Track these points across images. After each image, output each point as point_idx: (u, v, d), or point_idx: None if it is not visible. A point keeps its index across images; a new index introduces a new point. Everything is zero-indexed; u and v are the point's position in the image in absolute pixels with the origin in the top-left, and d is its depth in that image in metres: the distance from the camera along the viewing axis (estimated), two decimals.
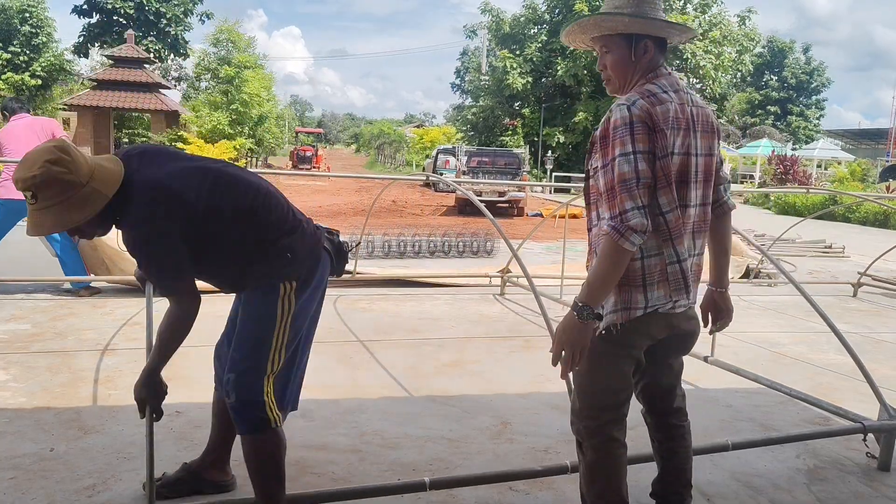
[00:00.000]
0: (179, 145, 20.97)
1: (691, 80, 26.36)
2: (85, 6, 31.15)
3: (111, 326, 4.49)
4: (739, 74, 31.50)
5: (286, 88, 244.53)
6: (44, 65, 25.75)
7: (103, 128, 23.51)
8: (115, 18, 31.07)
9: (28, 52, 26.68)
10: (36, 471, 2.49)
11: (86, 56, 32.46)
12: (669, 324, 1.91)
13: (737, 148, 34.34)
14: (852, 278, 7.42)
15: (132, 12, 30.56)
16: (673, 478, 2.13)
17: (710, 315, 2.18)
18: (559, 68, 27.07)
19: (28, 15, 27.21)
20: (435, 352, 4.30)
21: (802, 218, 9.18)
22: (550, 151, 26.58)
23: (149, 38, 30.62)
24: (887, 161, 31.54)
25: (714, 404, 3.59)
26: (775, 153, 26.92)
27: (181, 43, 32.80)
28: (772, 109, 45.71)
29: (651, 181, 1.74)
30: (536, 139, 28.42)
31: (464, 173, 17.37)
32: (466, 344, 4.51)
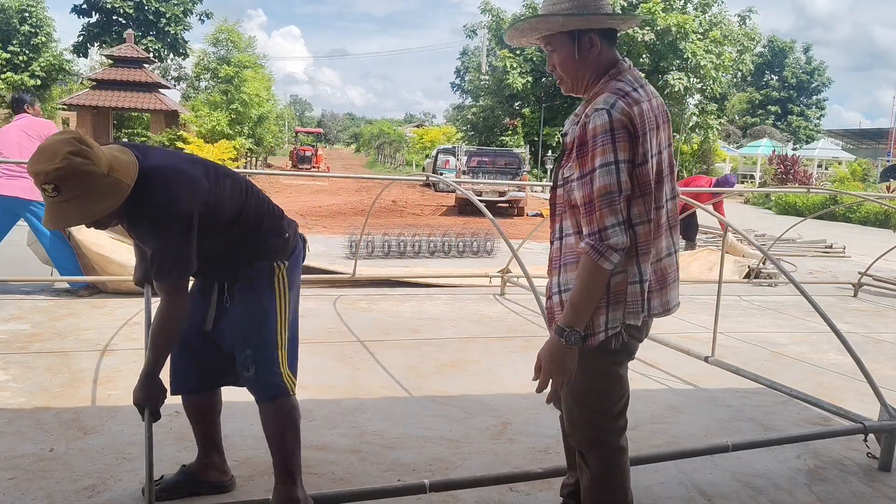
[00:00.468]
0: (179, 145, 21.00)
1: (692, 80, 26.34)
2: (84, 6, 31.14)
3: (111, 326, 4.49)
4: (740, 74, 31.48)
5: (286, 88, 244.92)
6: (43, 64, 25.75)
7: (103, 128, 23.50)
8: (115, 18, 31.07)
9: (27, 52, 26.67)
10: (35, 471, 2.49)
11: (85, 56, 32.45)
12: (647, 328, 1.85)
13: (737, 148, 34.36)
14: (853, 278, 7.42)
15: (132, 12, 30.55)
16: None
17: None
18: None
19: (27, 14, 27.21)
20: (435, 352, 4.30)
21: (803, 218, 9.18)
22: (550, 151, 26.57)
23: (148, 38, 30.61)
24: (888, 161, 31.54)
25: (714, 404, 3.58)
26: (776, 153, 26.93)
27: (181, 42, 32.80)
28: (772, 109, 45.72)
29: (630, 192, 1.65)
30: (536, 139, 28.41)
31: (464, 173, 17.36)
32: (466, 344, 4.51)
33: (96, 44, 31.53)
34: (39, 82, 25.31)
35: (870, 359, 3.96)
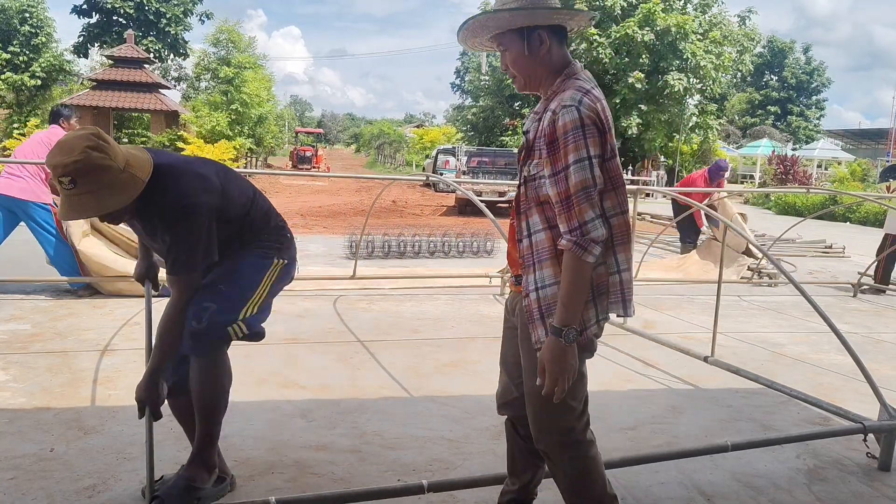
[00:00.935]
0: (179, 145, 21.00)
1: (691, 80, 26.34)
2: (84, 6, 31.12)
3: (111, 326, 4.49)
4: (740, 74, 31.48)
5: (286, 88, 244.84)
6: (43, 65, 25.72)
7: (103, 128, 23.23)
8: (115, 18, 31.04)
9: (28, 53, 26.65)
10: (36, 471, 2.49)
11: (85, 56, 32.42)
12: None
13: (737, 148, 34.37)
14: (852, 278, 7.43)
15: (132, 12, 30.53)
16: (540, 479, 2.09)
17: None
18: None
19: (28, 15, 27.19)
20: (435, 352, 4.30)
21: (803, 218, 9.18)
22: None
23: (148, 38, 30.59)
24: (887, 161, 31.52)
25: (714, 404, 3.59)
26: (775, 153, 26.96)
27: (181, 43, 32.77)
28: (772, 109, 45.73)
29: (603, 186, 1.67)
30: None
31: (464, 173, 17.36)
32: (466, 344, 4.51)
33: (96, 44, 31.52)
34: (40, 83, 25.30)
35: (869, 359, 3.96)
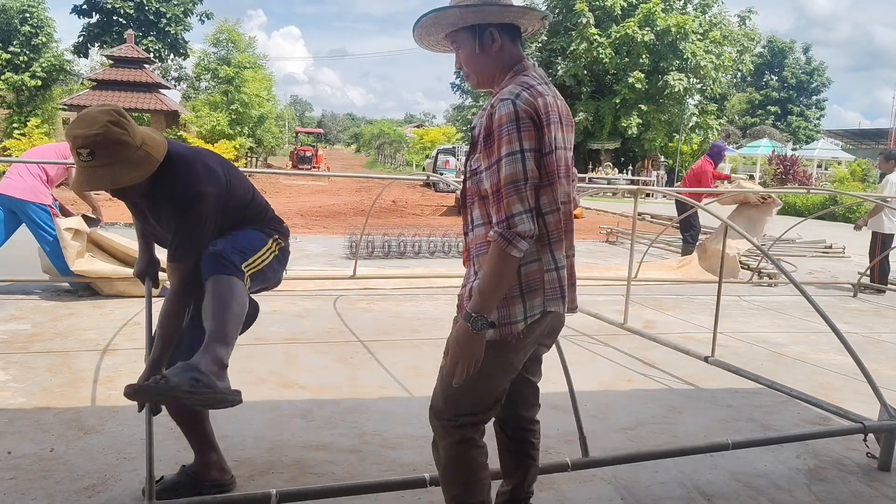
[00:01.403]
0: None
1: (692, 80, 26.35)
2: (85, 6, 31.13)
3: (111, 326, 4.49)
4: (740, 74, 31.51)
5: (286, 88, 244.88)
6: (44, 65, 25.68)
7: None
8: (115, 18, 31.06)
9: (28, 53, 26.64)
10: (36, 471, 2.49)
11: (85, 56, 32.45)
12: (552, 328, 1.82)
13: (737, 148, 34.35)
14: (852, 278, 7.43)
15: (132, 12, 30.55)
16: (532, 478, 2.04)
17: None
18: (559, 68, 27.09)
19: (28, 15, 27.18)
20: (435, 352, 4.29)
21: (803, 218, 9.18)
22: None
23: (149, 38, 30.60)
24: None
25: (714, 404, 3.59)
26: (775, 153, 26.94)
27: (181, 43, 32.79)
28: (772, 109, 45.72)
29: (538, 181, 1.66)
30: None
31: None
32: None
33: (97, 44, 31.54)
34: (40, 83, 25.25)
35: (870, 359, 3.96)
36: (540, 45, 28.15)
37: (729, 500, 2.55)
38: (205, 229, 2.05)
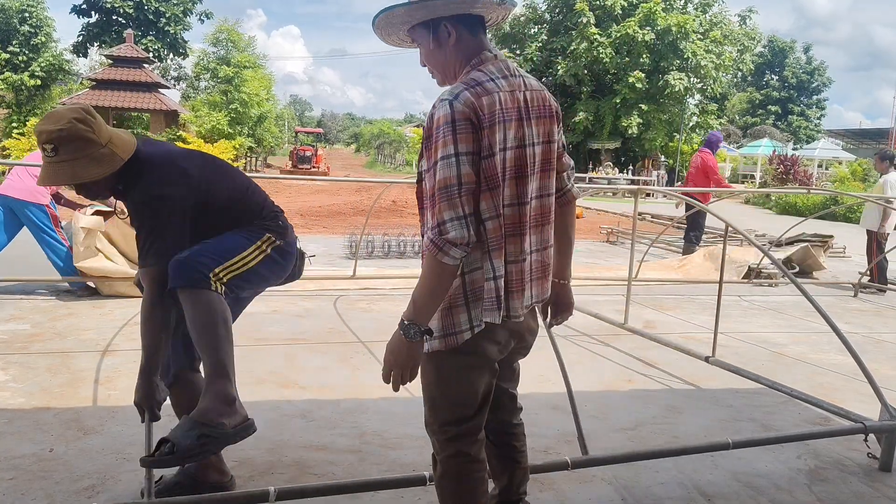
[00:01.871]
0: (179, 145, 20.97)
1: (692, 80, 26.34)
2: (84, 6, 31.12)
3: (111, 327, 4.49)
4: (740, 74, 31.51)
5: (285, 88, 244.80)
6: (43, 64, 25.71)
7: None
8: (115, 18, 31.05)
9: (27, 52, 26.65)
10: (35, 471, 2.49)
11: (85, 56, 32.43)
12: (513, 331, 1.76)
13: (738, 148, 34.35)
14: (853, 278, 7.42)
15: (131, 12, 30.53)
16: (520, 480, 1.99)
17: (550, 308, 2.00)
18: (559, 68, 27.07)
19: (27, 15, 27.19)
20: None
21: (803, 218, 9.17)
22: None
23: (148, 38, 30.59)
24: None
25: (715, 404, 3.58)
26: (776, 153, 26.92)
27: (180, 42, 32.78)
28: (772, 109, 45.71)
29: (475, 186, 1.58)
30: None
31: None
32: None
33: (96, 44, 31.52)
34: (39, 82, 25.28)
35: (870, 359, 3.96)
36: (540, 45, 28.13)
37: (729, 501, 2.55)
38: (169, 232, 1.97)
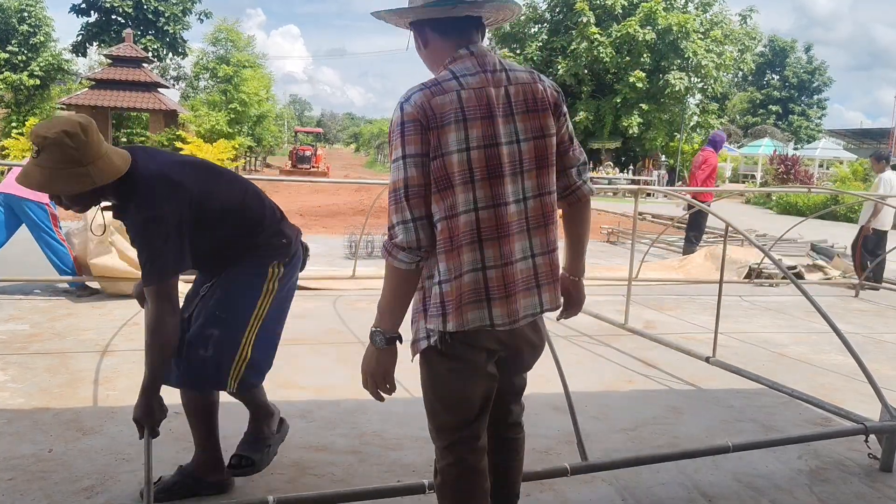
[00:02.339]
0: (178, 144, 20.97)
1: (693, 80, 26.32)
2: (83, 5, 31.08)
3: (110, 327, 4.48)
4: (741, 73, 31.48)
5: (285, 88, 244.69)
6: (42, 64, 25.70)
7: (102, 127, 23.28)
8: (114, 17, 31.00)
9: (26, 52, 26.62)
10: (34, 472, 2.48)
11: (84, 55, 32.39)
12: (503, 342, 1.68)
13: (738, 147, 34.34)
14: (853, 278, 7.41)
15: (130, 11, 30.49)
16: (503, 493, 1.91)
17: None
18: (560, 67, 27.05)
19: (26, 14, 27.17)
20: None
21: (804, 217, 9.17)
22: None
23: (147, 37, 30.55)
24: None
25: (715, 405, 3.57)
26: (777, 153, 26.92)
27: (180, 42, 32.73)
28: (773, 109, 45.68)
29: (423, 189, 1.56)
30: None
31: None
32: None
33: (95, 43, 31.48)
34: (38, 82, 25.26)
35: (871, 359, 3.95)
36: (540, 45, 28.12)
37: (730, 501, 2.54)
38: (169, 250, 1.99)
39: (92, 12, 31.40)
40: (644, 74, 25.71)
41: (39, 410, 3.07)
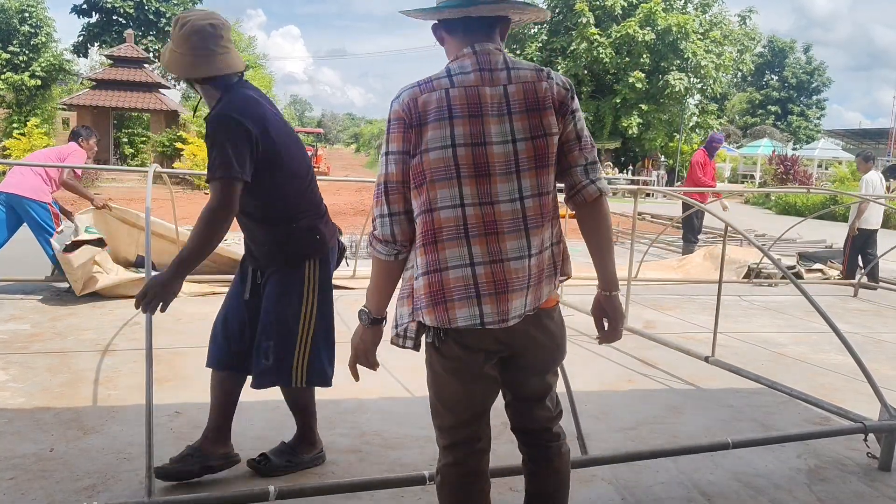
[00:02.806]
0: (179, 145, 20.98)
1: (692, 80, 26.34)
2: (84, 6, 31.09)
3: (111, 326, 4.49)
4: (740, 74, 31.49)
5: (285, 88, 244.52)
6: (43, 65, 25.69)
7: (102, 127, 23.45)
8: (115, 18, 31.01)
9: (27, 52, 26.62)
10: (35, 471, 2.49)
11: (85, 56, 32.41)
12: (496, 339, 1.65)
13: (737, 148, 34.36)
14: (853, 278, 7.42)
15: (132, 12, 30.50)
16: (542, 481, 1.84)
17: (599, 322, 1.79)
18: (559, 68, 27.05)
19: (27, 15, 27.16)
20: None
21: (803, 218, 9.17)
22: None
23: (148, 38, 30.56)
24: (888, 161, 31.54)
25: (715, 404, 3.58)
26: (776, 153, 26.92)
27: None
28: (772, 109, 45.69)
29: (402, 184, 1.61)
30: None
31: None
32: None
33: (96, 44, 31.49)
34: (40, 82, 25.25)
35: (870, 359, 3.96)
36: (540, 45, 28.13)
37: (729, 500, 2.55)
38: (230, 151, 2.13)
39: (93, 13, 31.40)
40: (643, 75, 25.73)
41: (40, 410, 3.08)
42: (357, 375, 1.79)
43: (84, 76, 27.36)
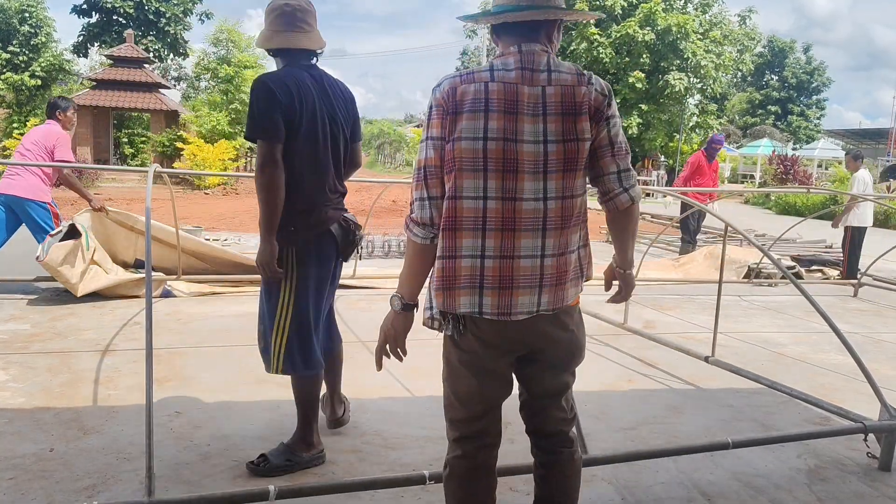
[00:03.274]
0: (179, 145, 20.97)
1: (692, 80, 26.35)
2: (84, 6, 31.07)
3: (111, 326, 4.49)
4: (740, 74, 31.49)
5: None
6: (43, 65, 25.70)
7: (103, 127, 23.50)
8: (115, 18, 31.00)
9: (27, 52, 26.63)
10: (35, 471, 2.49)
11: (85, 56, 32.39)
12: (510, 337, 1.67)
13: (737, 148, 34.36)
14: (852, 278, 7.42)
15: (132, 12, 30.49)
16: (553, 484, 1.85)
17: (609, 286, 1.98)
18: None
19: (27, 15, 27.17)
20: (436, 352, 4.27)
21: (803, 218, 9.18)
22: None
23: (148, 38, 30.55)
24: (888, 161, 31.54)
25: (715, 404, 3.58)
26: (776, 153, 26.92)
27: (181, 42, 32.73)
28: (772, 109, 45.68)
29: (440, 169, 1.65)
30: None
31: None
32: None
33: (96, 44, 31.48)
34: (40, 82, 25.27)
35: (870, 359, 3.96)
36: None
37: (729, 500, 2.55)
38: (267, 114, 2.33)
39: (93, 13, 31.38)
40: (643, 75, 25.74)
41: (40, 410, 3.07)
42: (381, 364, 1.79)
43: (84, 76, 27.37)
